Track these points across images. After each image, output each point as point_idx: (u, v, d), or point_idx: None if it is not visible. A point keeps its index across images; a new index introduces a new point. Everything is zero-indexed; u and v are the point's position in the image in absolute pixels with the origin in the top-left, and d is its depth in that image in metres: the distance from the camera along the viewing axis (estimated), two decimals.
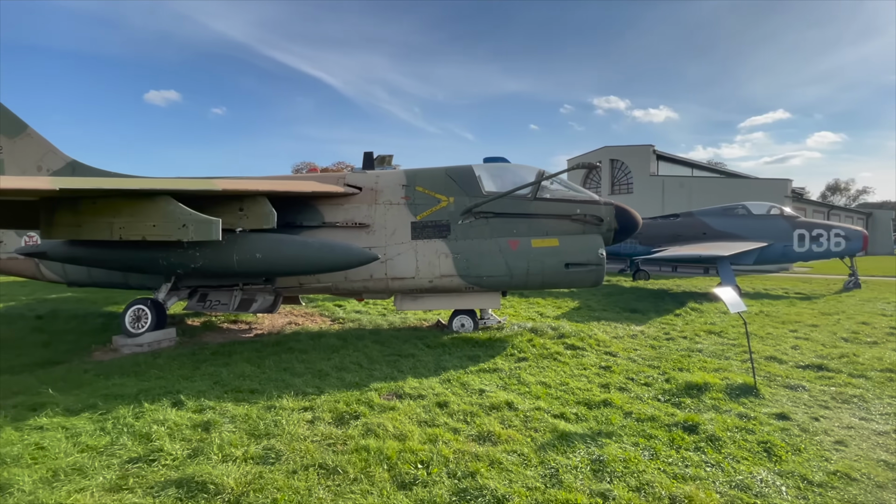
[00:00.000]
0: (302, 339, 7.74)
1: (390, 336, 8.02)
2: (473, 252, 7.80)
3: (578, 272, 7.72)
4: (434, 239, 7.90)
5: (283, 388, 5.31)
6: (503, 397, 5.00)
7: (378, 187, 8.19)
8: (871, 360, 6.52)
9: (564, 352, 7.04)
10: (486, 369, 6.17)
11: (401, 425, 4.29)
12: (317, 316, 10.49)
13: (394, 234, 7.95)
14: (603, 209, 7.93)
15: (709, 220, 16.34)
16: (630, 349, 7.39)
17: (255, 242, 6.88)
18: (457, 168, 8.30)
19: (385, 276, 7.94)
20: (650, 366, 6.47)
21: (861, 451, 3.86)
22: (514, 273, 7.75)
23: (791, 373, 6.07)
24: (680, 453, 3.81)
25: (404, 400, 5.01)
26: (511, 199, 7.91)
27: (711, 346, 7.65)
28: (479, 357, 6.74)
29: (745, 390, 5.24)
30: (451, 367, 6.25)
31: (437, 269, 7.84)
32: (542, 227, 7.85)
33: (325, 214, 8.06)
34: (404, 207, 8.03)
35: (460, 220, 7.93)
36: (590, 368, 6.28)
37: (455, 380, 5.68)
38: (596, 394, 5.22)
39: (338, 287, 8.19)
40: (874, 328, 8.99)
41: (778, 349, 7.34)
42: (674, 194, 30.68)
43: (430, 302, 8.37)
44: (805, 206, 34.40)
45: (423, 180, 8.19)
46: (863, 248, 15.10)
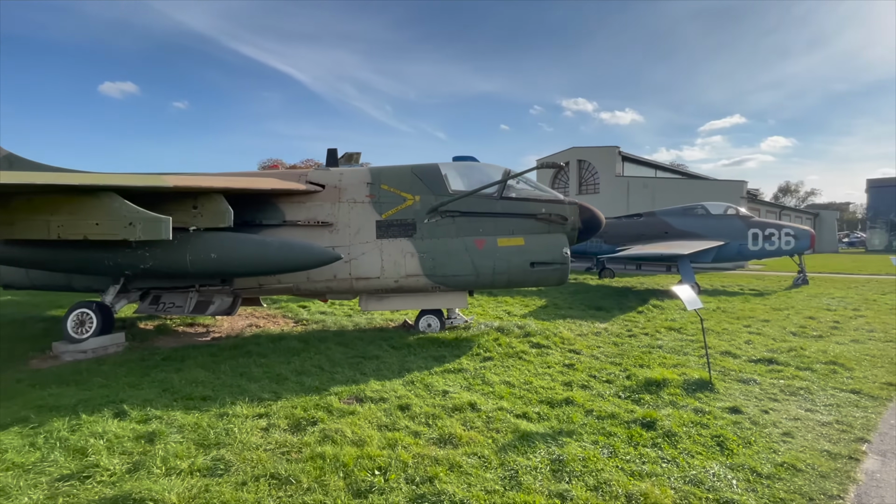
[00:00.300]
0: (262, 343, 7.45)
1: (355, 337, 7.84)
2: (440, 251, 7.72)
3: (544, 271, 7.77)
4: (400, 238, 7.77)
5: (238, 395, 5.08)
6: (467, 398, 4.94)
7: (342, 185, 7.98)
8: (817, 353, 6.85)
9: (530, 350, 7.07)
10: (451, 370, 6.10)
11: (360, 430, 4.16)
12: (279, 318, 10.16)
13: (358, 233, 7.77)
14: (567, 209, 8.01)
15: (670, 220, 16.88)
16: (594, 346, 7.50)
17: (210, 242, 6.57)
18: (423, 166, 8.19)
19: (349, 276, 7.75)
20: (612, 363, 6.57)
21: (806, 442, 4.01)
22: (481, 272, 7.72)
23: (744, 367, 6.29)
24: (638, 450, 3.85)
25: (365, 404, 4.87)
26: (477, 198, 7.87)
27: (671, 342, 7.85)
28: (444, 357, 6.67)
29: (702, 385, 5.39)
30: (416, 368, 6.16)
31: (403, 269, 7.72)
32: (508, 227, 7.86)
33: (287, 213, 7.79)
34: (369, 206, 7.87)
35: (426, 218, 7.83)
36: (554, 367, 6.31)
37: (419, 381, 5.59)
38: (559, 392, 5.24)
39: (300, 288, 7.95)
40: (819, 322, 9.48)
41: (733, 344, 7.61)
42: (638, 194, 31.60)
43: (397, 302, 8.24)
44: (759, 206, 36.13)
45: (388, 178, 8.04)
46: (810, 247, 15.96)
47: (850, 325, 9.27)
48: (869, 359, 6.66)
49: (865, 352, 7.06)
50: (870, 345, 7.57)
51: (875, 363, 6.46)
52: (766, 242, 15.63)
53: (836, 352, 6.98)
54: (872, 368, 6.22)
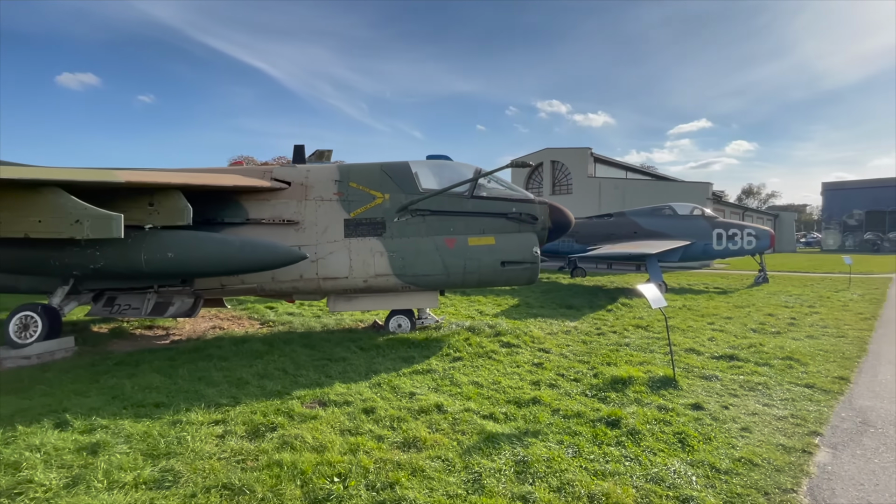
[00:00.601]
0: (223, 345, 7.17)
1: (322, 339, 7.65)
2: (410, 250, 7.61)
3: (514, 270, 7.77)
4: (368, 237, 7.62)
5: (195, 400, 4.84)
6: (434, 400, 4.86)
7: (309, 182, 7.77)
8: (774, 349, 7.09)
9: (500, 350, 7.05)
10: (419, 371, 6.01)
11: (321, 435, 4.02)
12: (244, 319, 9.83)
13: (325, 232, 7.57)
14: (538, 208, 8.04)
15: (639, 220, 17.26)
16: (563, 345, 7.54)
17: (167, 240, 6.26)
18: (393, 164, 8.06)
19: (316, 275, 7.55)
20: (580, 361, 6.62)
21: (763, 437, 4.11)
22: (451, 272, 7.65)
23: (707, 363, 6.44)
24: (602, 449, 3.85)
25: (328, 407, 4.72)
26: (448, 196, 7.80)
27: (638, 339, 7.98)
28: (413, 358, 6.57)
29: (666, 382, 5.47)
30: (384, 369, 6.03)
31: (372, 269, 7.58)
32: (478, 226, 7.82)
33: (250, 210, 7.53)
34: (337, 204, 7.68)
35: (396, 217, 7.70)
36: (523, 366, 6.30)
37: (386, 383, 5.47)
38: (526, 392, 5.22)
39: (264, 288, 7.69)
40: (778, 319, 9.85)
41: (697, 341, 7.79)
42: (609, 195, 32.26)
43: (366, 302, 8.09)
44: (724, 207, 37.43)
45: (357, 176, 7.88)
46: (770, 246, 16.61)
47: (805, 321, 9.66)
48: (822, 354, 6.93)
49: (819, 347, 7.35)
50: (823, 340, 7.89)
51: (828, 358, 6.72)
52: (730, 242, 16.17)
53: (792, 347, 7.24)
54: (825, 363, 6.47)
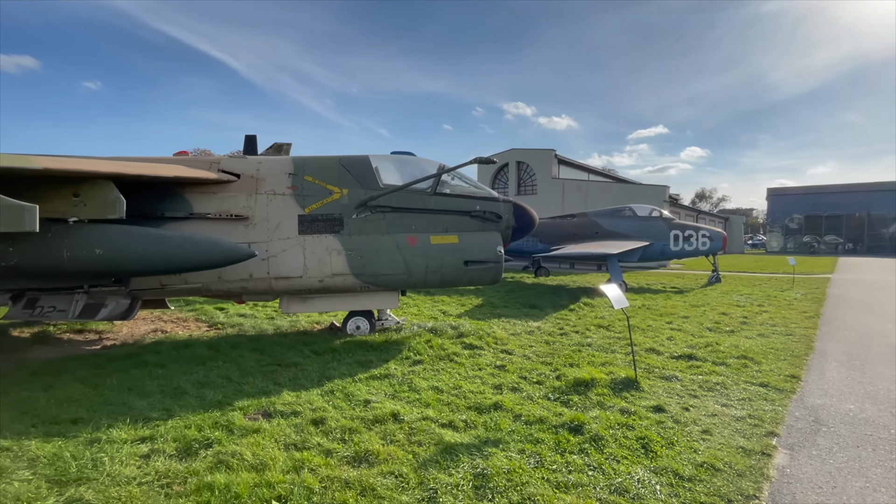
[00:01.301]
0: (163, 350, 6.58)
1: (274, 343, 7.17)
2: (369, 249, 7.25)
3: (477, 270, 7.56)
4: (324, 234, 7.20)
5: (121, 415, 4.32)
6: (390, 408, 4.56)
7: (260, 175, 7.26)
8: (730, 349, 7.23)
9: (462, 352, 6.82)
10: (376, 376, 5.69)
11: (262, 451, 3.64)
12: (191, 321, 9.16)
13: (278, 229, 7.09)
14: (502, 206, 7.87)
15: (600, 221, 17.56)
16: (526, 346, 7.41)
17: (95, 236, 5.63)
18: (352, 158, 7.67)
19: (267, 275, 7.06)
20: (543, 363, 6.49)
21: (723, 439, 4.07)
22: (413, 271, 7.36)
23: (667, 363, 6.46)
24: (565, 458, 3.68)
25: (274, 419, 4.33)
26: (410, 193, 7.50)
27: (600, 339, 7.97)
28: (370, 362, 6.23)
29: (628, 384, 5.41)
30: (338, 375, 5.67)
31: (328, 268, 7.17)
32: (441, 224, 7.56)
33: (195, 204, 6.94)
34: (290, 198, 7.21)
35: (354, 213, 7.32)
36: (485, 368, 6.10)
37: (339, 390, 5.12)
38: (488, 396, 5.01)
39: (210, 289, 7.13)
40: (731, 318, 10.15)
41: (656, 340, 7.86)
42: (573, 196, 32.87)
43: (322, 303, 7.66)
44: (679, 210, 38.98)
45: (313, 169, 7.43)
46: (723, 247, 17.30)
47: (756, 320, 10.00)
48: (774, 352, 7.13)
49: (770, 345, 7.57)
50: (773, 339, 8.15)
51: (779, 356, 6.91)
52: (686, 243, 16.71)
53: (746, 346, 7.42)
54: (777, 361, 6.63)
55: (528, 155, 37.01)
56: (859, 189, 57.34)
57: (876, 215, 55.49)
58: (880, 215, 55.20)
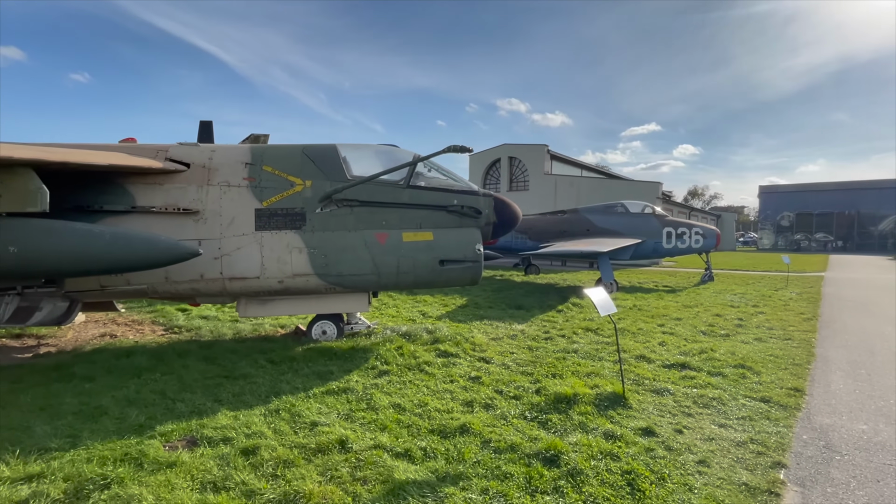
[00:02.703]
0: (99, 360, 5.89)
1: (228, 350, 6.50)
2: (334, 246, 6.59)
3: (455, 269, 6.93)
4: (285, 230, 6.53)
5: (15, 443, 3.65)
6: (338, 433, 3.92)
7: (212, 165, 6.56)
8: (726, 356, 6.68)
9: (435, 361, 6.20)
10: (333, 390, 5.05)
11: (169, 495, 2.99)
12: (147, 324, 8.45)
13: (232, 224, 6.41)
14: (482, 201, 7.22)
15: (592, 217, 17.00)
16: (506, 353, 6.81)
17: (8, 232, 4.91)
18: (317, 146, 6.99)
19: (220, 275, 6.38)
20: (524, 372, 5.89)
21: (723, 472, 3.48)
22: (383, 271, 6.71)
23: (658, 374, 5.88)
24: (536, 499, 3.07)
25: (199, 448, 3.68)
26: (380, 185, 6.83)
27: (587, 344, 7.39)
28: (330, 374, 5.59)
29: (615, 401, 4.81)
30: (290, 390, 5.02)
31: (289, 267, 6.50)
32: (415, 219, 6.91)
33: (137, 196, 6.24)
34: (247, 190, 6.53)
35: (318, 207, 6.65)
36: (458, 381, 5.48)
37: (286, 409, 4.47)
38: (456, 416, 4.39)
39: (157, 290, 6.43)
40: (726, 320, 9.62)
41: (647, 346, 7.29)
42: (565, 192, 32.33)
43: (284, 306, 7.00)
44: (672, 207, 38.60)
45: (272, 159, 6.75)
46: (717, 245, 16.82)
47: (752, 322, 9.48)
48: (773, 360, 6.58)
49: (769, 352, 7.03)
50: (771, 343, 7.62)
51: (779, 364, 6.37)
52: (679, 241, 16.20)
53: (743, 353, 6.87)
54: (777, 371, 6.09)
55: (521, 150, 36.41)
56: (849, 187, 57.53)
57: (865, 213, 55.70)
58: (869, 213, 55.42)
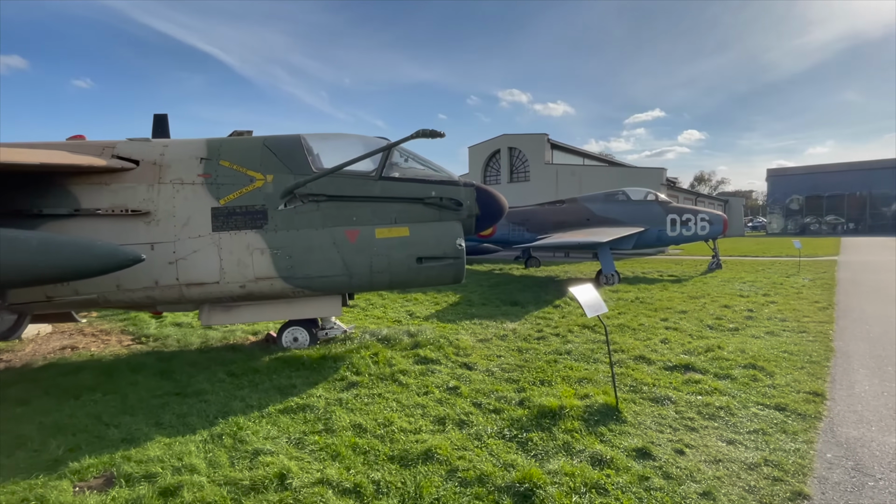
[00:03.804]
0: (43, 379, 5.40)
1: (189, 362, 5.99)
2: (299, 246, 6.04)
3: (434, 267, 6.35)
4: (245, 230, 5.97)
5: None
6: (281, 464, 3.38)
7: (164, 161, 6.00)
8: (735, 354, 6.05)
9: (412, 369, 5.64)
10: (291, 408, 4.51)
11: None
12: (115, 334, 7.97)
13: (186, 225, 5.86)
14: (462, 191, 6.61)
15: (592, 206, 16.31)
16: (493, 356, 6.24)
17: None
18: (279, 138, 6.42)
19: (177, 281, 5.85)
20: (509, 379, 5.32)
21: None
22: (355, 272, 6.15)
23: (658, 377, 5.28)
24: None
25: (113, 489, 3.15)
26: (350, 178, 6.25)
27: (582, 344, 6.81)
28: (293, 388, 5.05)
29: (607, 413, 4.23)
30: (242, 409, 4.49)
31: (251, 270, 5.96)
32: (389, 214, 6.32)
33: (82, 198, 5.70)
34: (202, 188, 5.97)
35: (282, 204, 6.09)
36: (434, 392, 4.92)
37: (231, 433, 3.94)
38: (423, 438, 3.83)
39: (109, 300, 5.92)
40: (735, 312, 8.97)
41: (648, 345, 6.69)
42: (567, 182, 31.56)
43: (250, 312, 6.46)
44: (677, 193, 37.68)
45: (230, 153, 6.19)
46: (724, 231, 16.07)
47: (763, 312, 8.83)
48: (787, 357, 5.95)
49: (783, 347, 6.39)
50: (785, 337, 6.98)
51: (794, 363, 5.73)
52: (684, 228, 15.49)
53: (754, 350, 6.24)
54: (793, 370, 5.46)
55: (520, 140, 35.62)
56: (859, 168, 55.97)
57: (877, 194, 54.22)
58: (881, 194, 53.93)
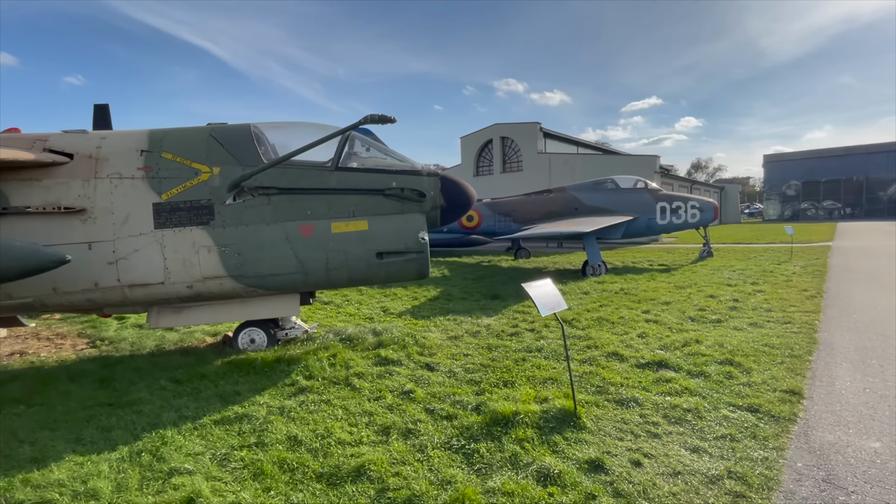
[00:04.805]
0: None
1: (133, 368, 5.64)
2: (249, 243, 5.67)
3: (395, 263, 6.00)
4: (189, 226, 5.60)
5: None
6: (193, 486, 3.05)
7: (101, 154, 5.60)
8: (713, 348, 5.73)
9: (369, 371, 5.31)
10: (229, 418, 4.18)
11: None
12: (70, 338, 7.62)
13: (126, 223, 5.48)
14: (426, 181, 6.22)
15: (580, 195, 15.93)
16: (459, 355, 5.91)
17: None
18: (227, 127, 6.02)
19: (118, 282, 5.49)
20: (470, 381, 5.00)
21: None
22: (310, 269, 5.80)
23: (629, 376, 4.96)
24: None
25: None
26: (303, 168, 5.86)
27: (556, 340, 6.49)
28: (237, 395, 4.72)
29: (564, 419, 3.90)
30: (175, 420, 4.15)
31: (198, 269, 5.60)
32: (346, 206, 5.95)
33: (10, 196, 5.31)
34: (142, 182, 5.58)
35: (229, 198, 5.71)
36: (386, 397, 4.59)
37: (152, 450, 3.60)
38: (360, 452, 3.50)
39: (46, 304, 5.56)
40: (719, 302, 8.66)
41: (624, 339, 6.37)
42: (560, 171, 31.13)
43: (202, 314, 6.11)
44: (672, 181, 37.28)
45: (173, 144, 5.78)
46: (715, 218, 15.72)
47: (749, 302, 8.52)
48: (767, 351, 5.63)
49: (764, 340, 6.08)
50: (768, 329, 6.67)
51: (774, 357, 5.42)
52: (674, 216, 15.13)
53: (733, 343, 5.92)
54: (771, 366, 5.14)
55: (513, 129, 35.09)
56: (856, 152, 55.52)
57: (874, 178, 53.89)
58: (878, 178, 53.60)
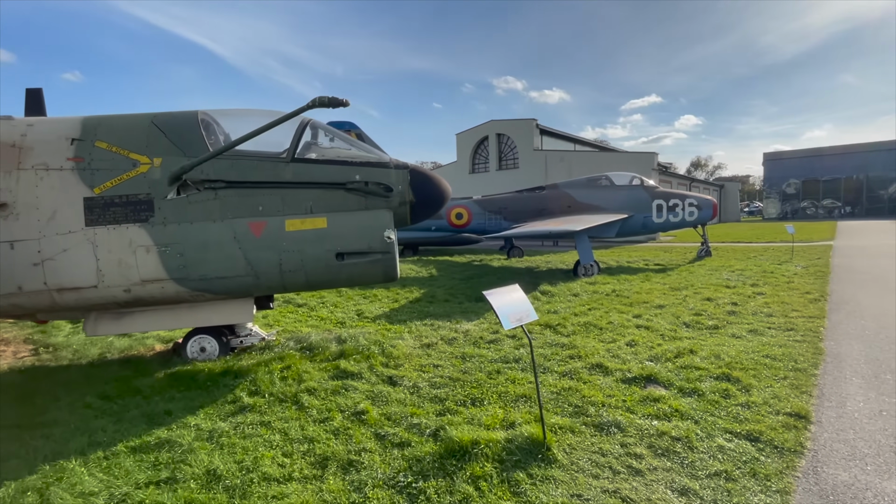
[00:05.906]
0: None
1: (66, 381, 5.08)
2: (192, 242, 5.09)
3: (357, 264, 5.42)
4: (125, 224, 5.02)
5: None
6: None
7: (26, 143, 5.02)
8: (708, 360, 5.17)
9: (323, 386, 4.74)
10: (148, 445, 3.62)
11: None
12: (15, 344, 7.06)
13: (53, 219, 4.91)
14: (393, 175, 5.63)
15: (573, 193, 15.37)
16: (429, 367, 5.35)
17: None
18: (171, 114, 5.42)
19: (45, 286, 4.92)
20: (434, 398, 4.44)
21: None
22: (262, 271, 5.22)
23: (613, 394, 4.40)
24: None
25: None
26: (254, 160, 5.28)
27: (539, 346, 5.93)
28: (167, 415, 4.16)
29: (531, 450, 3.34)
30: (84, 447, 3.59)
31: (135, 271, 5.02)
32: (302, 202, 5.36)
33: None
34: (72, 174, 5.00)
35: (171, 193, 5.13)
36: (335, 418, 4.03)
37: (40, 489, 3.04)
38: (285, 491, 2.94)
39: None
40: (717, 305, 8.10)
41: (611, 348, 5.80)
42: (556, 168, 30.58)
43: (145, 320, 5.53)
44: (671, 178, 36.69)
45: (109, 132, 5.19)
46: (713, 216, 15.15)
47: (748, 306, 7.96)
48: (769, 363, 5.07)
49: (765, 350, 5.52)
50: (769, 337, 6.11)
51: (776, 371, 4.86)
52: (671, 214, 14.57)
53: (731, 354, 5.37)
54: (773, 382, 4.58)
55: (509, 126, 34.50)
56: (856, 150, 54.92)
57: (874, 177, 53.31)
58: (878, 176, 53.02)
